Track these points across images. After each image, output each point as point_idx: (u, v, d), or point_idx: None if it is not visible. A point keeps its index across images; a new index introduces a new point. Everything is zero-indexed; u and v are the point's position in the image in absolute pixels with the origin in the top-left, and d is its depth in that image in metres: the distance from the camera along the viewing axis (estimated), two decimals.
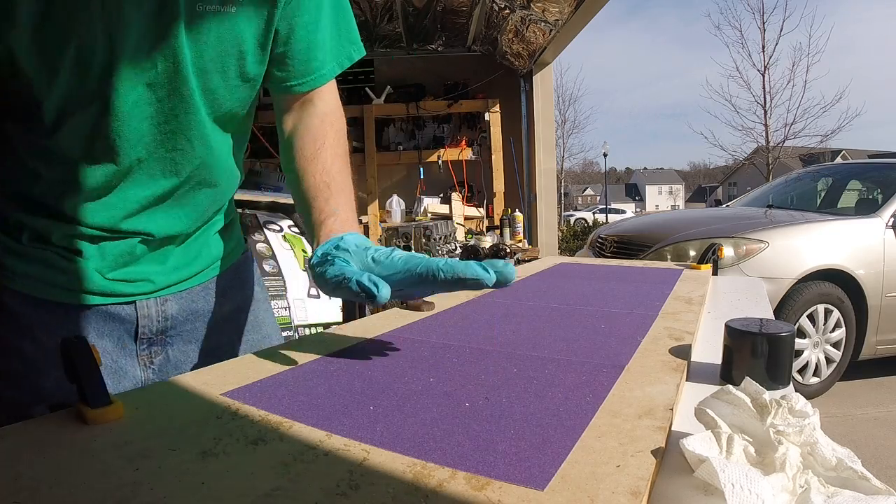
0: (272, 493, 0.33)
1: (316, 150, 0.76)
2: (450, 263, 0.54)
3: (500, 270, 0.53)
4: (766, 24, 14.95)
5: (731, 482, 0.33)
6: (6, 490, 0.34)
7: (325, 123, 0.78)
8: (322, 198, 0.71)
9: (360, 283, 0.54)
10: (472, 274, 0.53)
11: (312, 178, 0.73)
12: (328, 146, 0.76)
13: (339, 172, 0.75)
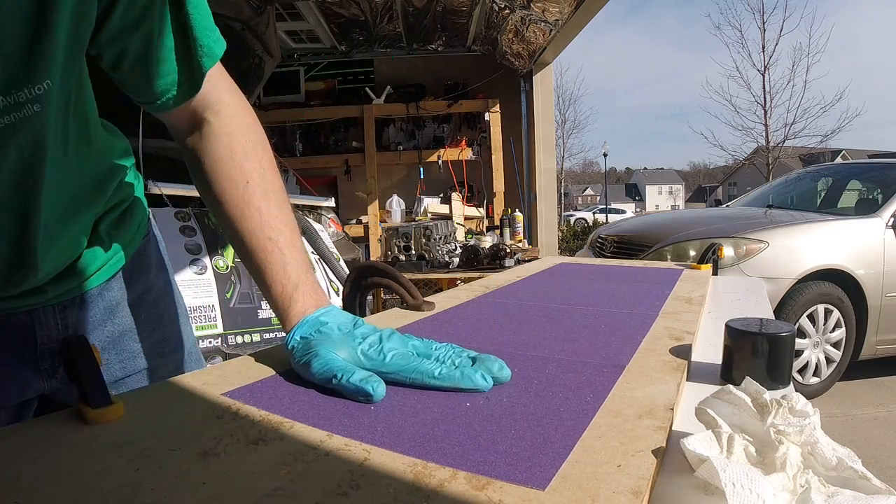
0: (273, 493, 0.33)
1: (240, 195, 0.63)
2: (444, 375, 0.50)
3: (496, 376, 0.51)
4: (766, 24, 14.96)
5: (731, 482, 0.33)
6: (6, 490, 0.34)
7: (236, 153, 0.64)
8: (275, 264, 0.61)
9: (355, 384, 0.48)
10: (469, 385, 0.50)
11: (252, 237, 0.62)
12: (252, 185, 0.63)
13: (278, 217, 0.63)
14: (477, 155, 4.83)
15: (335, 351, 0.52)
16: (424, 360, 0.52)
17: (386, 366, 0.51)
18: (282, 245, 0.62)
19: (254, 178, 0.64)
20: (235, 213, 0.63)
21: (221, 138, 0.64)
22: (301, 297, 0.60)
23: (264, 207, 0.63)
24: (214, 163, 0.63)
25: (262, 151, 0.66)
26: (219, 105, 0.64)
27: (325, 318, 0.57)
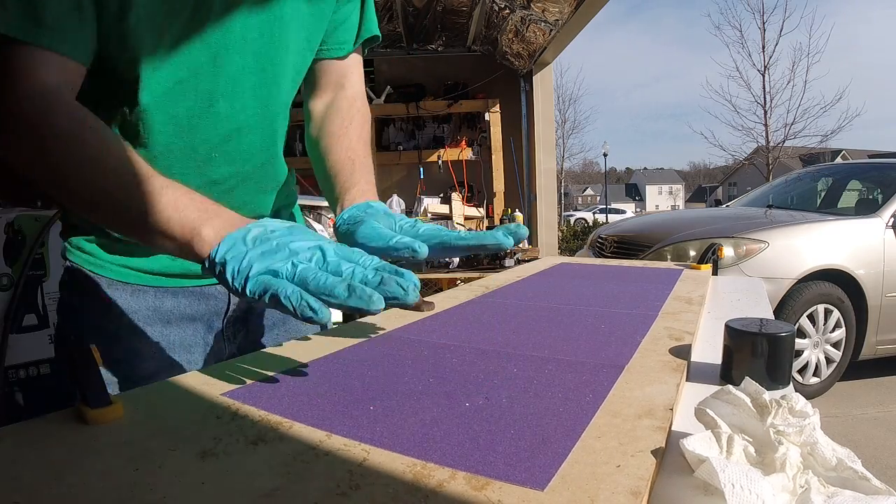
0: (272, 494, 0.33)
1: (343, 128, 0.79)
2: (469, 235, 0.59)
3: (514, 232, 0.58)
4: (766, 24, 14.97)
5: (731, 482, 0.33)
6: (6, 490, 0.34)
7: (353, 107, 0.82)
8: (346, 172, 0.74)
9: (402, 241, 0.56)
10: (491, 241, 0.58)
11: (337, 154, 0.76)
12: (355, 126, 0.80)
13: (363, 151, 0.79)
14: (477, 155, 4.83)
15: (378, 222, 0.61)
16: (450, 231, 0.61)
17: (419, 235, 0.61)
18: (357, 164, 0.76)
19: (354, 124, 0.81)
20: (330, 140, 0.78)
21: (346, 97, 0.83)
22: (356, 192, 0.71)
23: (355, 141, 0.79)
24: (336, 109, 0.81)
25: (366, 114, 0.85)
26: (352, 78, 0.84)
27: (373, 203, 0.68)
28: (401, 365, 0.57)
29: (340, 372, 0.55)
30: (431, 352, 0.61)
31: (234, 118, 0.70)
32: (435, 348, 0.63)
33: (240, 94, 0.70)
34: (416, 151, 4.89)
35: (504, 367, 0.56)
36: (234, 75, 0.68)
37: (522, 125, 4.94)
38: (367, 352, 0.62)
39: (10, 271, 1.91)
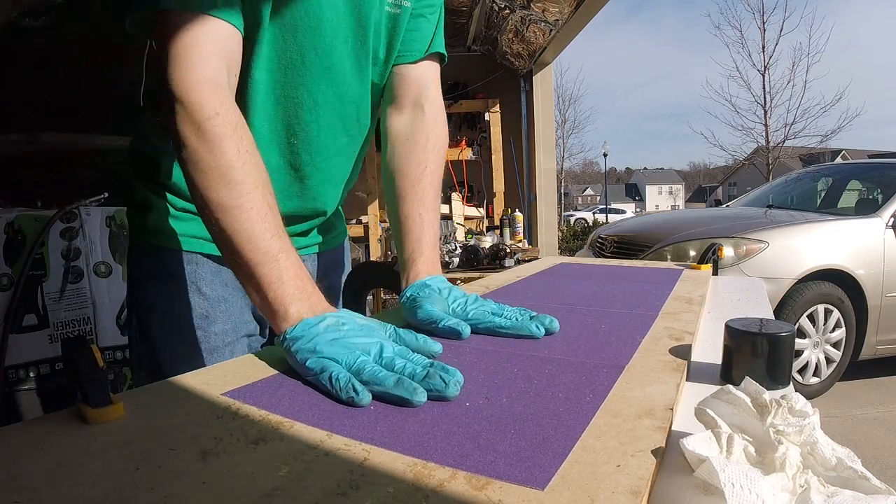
0: (273, 493, 0.33)
1: (418, 175, 0.85)
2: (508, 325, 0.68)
3: (548, 327, 0.68)
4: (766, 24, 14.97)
5: (731, 482, 0.33)
6: (6, 490, 0.34)
7: (429, 144, 0.87)
8: (415, 234, 0.82)
9: (448, 326, 0.66)
10: (526, 332, 0.67)
11: (410, 206, 0.83)
12: (429, 173, 0.86)
13: (433, 201, 0.86)
14: (477, 155, 4.82)
15: (434, 305, 0.70)
16: (496, 316, 0.70)
17: (469, 319, 0.70)
18: (426, 221, 0.83)
19: (430, 167, 0.86)
20: (406, 184, 0.85)
21: (424, 128, 0.88)
22: (420, 265, 0.79)
23: (428, 191, 0.85)
24: (412, 143, 0.87)
25: (442, 148, 0.91)
26: (430, 94, 0.90)
27: (430, 282, 0.76)
28: None
29: None
30: None
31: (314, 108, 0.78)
32: None
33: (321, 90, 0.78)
34: None
35: (504, 367, 0.56)
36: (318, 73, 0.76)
37: (522, 125, 4.93)
38: None
39: (10, 271, 1.91)
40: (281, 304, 0.59)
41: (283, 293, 0.59)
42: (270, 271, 0.60)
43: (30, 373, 1.91)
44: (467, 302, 0.73)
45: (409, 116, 0.89)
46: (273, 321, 0.60)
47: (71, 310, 2.00)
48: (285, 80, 0.75)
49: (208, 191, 0.61)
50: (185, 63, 0.62)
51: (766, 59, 14.67)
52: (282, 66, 0.74)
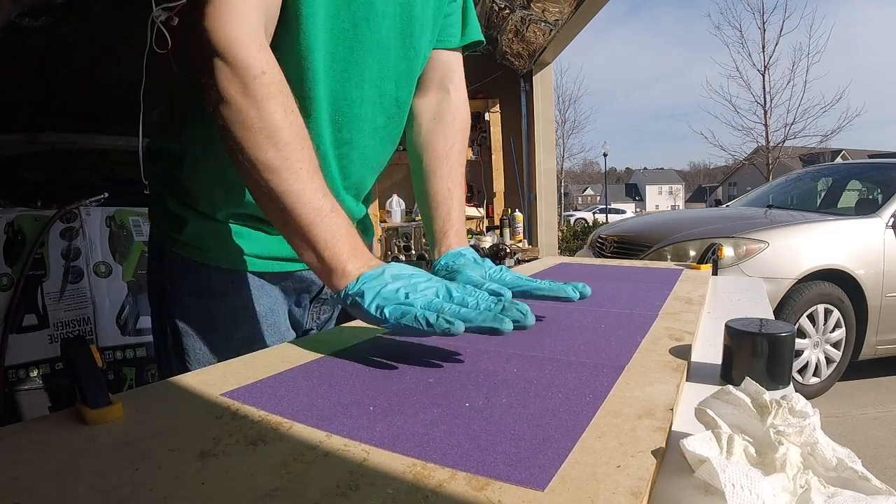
0: (272, 494, 0.33)
1: (446, 151, 0.87)
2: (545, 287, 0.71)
3: (582, 291, 0.71)
4: (766, 24, 15.00)
5: (731, 482, 0.33)
6: (5, 490, 0.33)
7: (456, 122, 0.89)
8: (445, 208, 0.85)
9: (491, 288, 0.65)
10: (563, 294, 0.70)
11: (440, 181, 0.86)
12: (456, 150, 0.88)
13: (460, 177, 0.88)
14: (477, 155, 4.82)
15: (472, 271, 0.74)
16: (531, 280, 0.74)
17: (506, 283, 0.73)
18: (454, 196, 0.86)
19: (456, 146, 0.89)
20: (435, 160, 0.87)
21: (450, 107, 0.90)
22: (451, 237, 0.84)
23: (455, 167, 0.88)
24: (439, 121, 0.89)
25: (467, 128, 0.93)
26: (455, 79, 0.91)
27: (464, 252, 0.80)
28: (400, 365, 0.57)
29: (340, 372, 0.55)
30: (432, 352, 0.61)
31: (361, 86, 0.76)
32: (434, 348, 0.63)
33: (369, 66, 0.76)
34: None
35: (504, 367, 0.56)
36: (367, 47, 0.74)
37: (522, 125, 4.93)
38: (366, 352, 0.62)
39: (10, 271, 1.91)
40: (339, 261, 0.60)
41: (339, 251, 0.60)
42: (325, 230, 0.60)
43: (30, 373, 1.91)
44: (501, 269, 0.77)
45: (436, 97, 0.90)
46: (330, 278, 0.61)
47: (71, 310, 2.00)
48: (335, 51, 0.72)
49: (256, 150, 0.59)
50: (226, 15, 0.59)
51: (766, 59, 14.69)
52: (333, 35, 0.71)
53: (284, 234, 0.63)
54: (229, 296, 0.79)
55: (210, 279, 0.78)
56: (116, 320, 2.08)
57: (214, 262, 0.78)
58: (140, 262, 2.14)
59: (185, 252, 0.79)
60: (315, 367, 0.56)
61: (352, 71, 0.74)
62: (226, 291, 0.78)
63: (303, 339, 0.68)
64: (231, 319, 0.79)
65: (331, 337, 0.68)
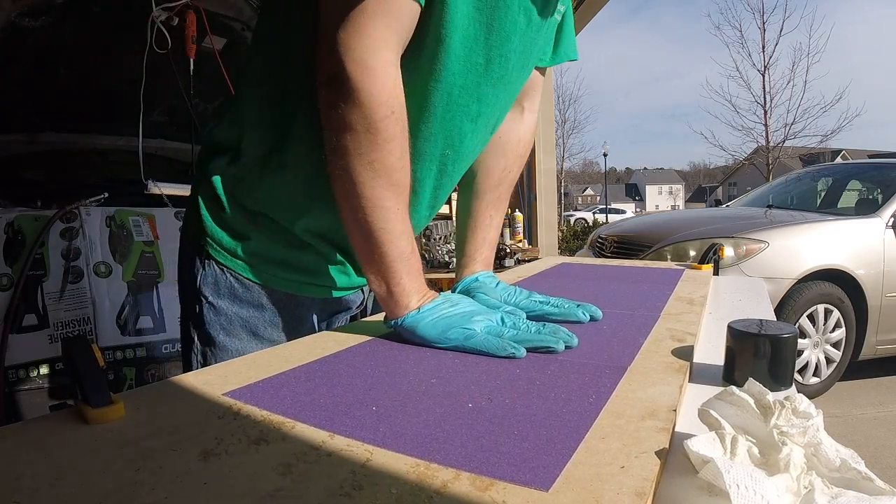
0: (274, 494, 0.33)
1: (500, 178, 0.88)
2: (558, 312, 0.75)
3: (592, 314, 0.74)
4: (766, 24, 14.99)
5: (735, 483, 0.33)
6: (6, 490, 0.33)
7: (520, 148, 0.90)
8: (481, 234, 0.87)
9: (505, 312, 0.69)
10: (573, 318, 0.73)
11: (485, 207, 0.87)
12: (510, 178, 0.89)
13: (505, 203, 0.90)
14: None
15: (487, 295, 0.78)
16: (545, 304, 0.77)
17: (520, 307, 0.76)
18: (493, 225, 0.88)
19: (512, 171, 0.90)
20: (488, 184, 0.88)
21: (519, 130, 0.90)
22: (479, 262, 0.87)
23: (503, 195, 0.89)
24: (505, 143, 0.88)
25: (526, 155, 0.93)
26: (533, 98, 0.90)
27: (480, 277, 0.84)
28: (403, 365, 0.57)
29: (343, 372, 0.55)
30: (434, 352, 0.61)
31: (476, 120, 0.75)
32: (437, 349, 0.62)
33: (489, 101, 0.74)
34: None
35: (507, 367, 0.56)
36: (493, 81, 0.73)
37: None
38: (369, 352, 0.62)
39: (10, 271, 1.91)
40: (405, 296, 0.65)
41: (409, 288, 0.65)
42: (402, 268, 0.65)
43: (30, 373, 1.91)
44: (515, 293, 0.80)
45: (510, 115, 0.87)
46: (392, 308, 0.66)
47: (71, 310, 1.99)
48: (464, 84, 0.70)
49: (364, 185, 0.61)
50: (368, 41, 0.57)
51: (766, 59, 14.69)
52: (465, 68, 0.69)
53: (362, 260, 0.66)
54: (282, 318, 0.79)
55: (262, 300, 0.78)
56: (116, 320, 2.08)
57: (270, 285, 0.77)
58: (140, 262, 2.14)
59: (240, 269, 0.77)
60: (317, 367, 0.56)
61: (472, 106, 0.72)
62: (278, 313, 0.79)
63: (304, 339, 0.68)
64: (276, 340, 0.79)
65: (333, 337, 0.68)
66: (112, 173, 2.61)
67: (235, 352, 0.77)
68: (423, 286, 0.67)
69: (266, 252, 0.77)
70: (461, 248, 0.88)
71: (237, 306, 0.77)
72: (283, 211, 0.75)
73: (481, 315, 0.64)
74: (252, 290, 0.77)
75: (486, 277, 0.83)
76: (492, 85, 0.72)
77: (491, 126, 0.80)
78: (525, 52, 0.75)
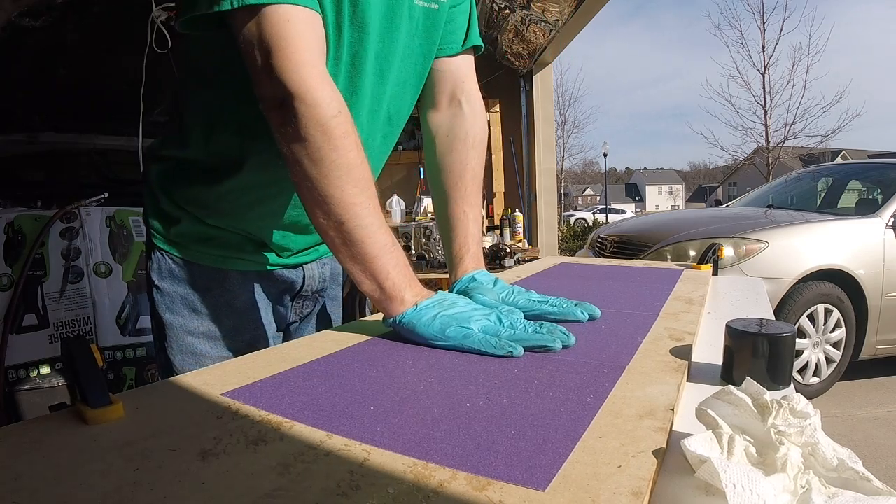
0: (273, 494, 0.33)
1: (461, 172, 0.88)
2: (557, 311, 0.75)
3: (591, 313, 0.75)
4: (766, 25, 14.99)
5: (732, 482, 0.33)
6: (5, 490, 0.33)
7: (469, 139, 0.89)
8: (462, 232, 0.87)
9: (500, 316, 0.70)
10: (572, 317, 0.74)
11: (456, 205, 0.88)
12: (470, 169, 0.89)
13: (476, 196, 0.90)
14: None
15: (485, 295, 0.77)
16: (543, 304, 0.77)
17: (518, 306, 0.76)
18: (470, 219, 0.88)
19: (471, 165, 0.89)
20: (450, 182, 0.88)
21: (464, 124, 0.89)
22: (468, 262, 0.86)
23: (470, 188, 0.88)
24: (453, 139, 0.89)
25: (482, 143, 0.91)
26: (466, 87, 0.89)
27: (477, 276, 0.83)
28: (401, 365, 0.57)
29: (341, 372, 0.55)
30: (432, 352, 0.61)
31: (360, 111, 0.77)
32: (435, 348, 0.63)
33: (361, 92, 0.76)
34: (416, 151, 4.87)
35: (505, 367, 0.56)
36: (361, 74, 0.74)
37: (522, 125, 4.93)
38: (367, 352, 0.62)
39: (10, 271, 1.91)
40: (398, 291, 0.65)
41: (399, 281, 0.65)
42: (387, 262, 0.65)
43: (30, 373, 1.91)
44: (513, 292, 0.81)
45: (448, 113, 0.90)
46: (388, 305, 0.65)
47: (71, 310, 2.00)
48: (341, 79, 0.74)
49: (331, 187, 0.63)
50: (298, 57, 0.61)
51: (766, 59, 14.69)
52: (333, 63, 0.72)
53: (345, 262, 0.66)
54: (212, 291, 0.83)
55: (195, 276, 0.82)
56: (116, 320, 2.08)
57: (199, 261, 0.82)
58: (140, 262, 2.14)
59: (174, 250, 0.83)
60: (316, 367, 0.56)
61: (351, 101, 0.75)
62: (209, 287, 0.83)
63: (302, 340, 0.68)
64: (213, 313, 0.83)
65: (331, 337, 0.68)
66: (112, 173, 2.61)
67: (180, 328, 0.82)
68: (414, 279, 0.67)
69: (194, 232, 0.82)
70: (447, 250, 0.90)
71: (176, 285, 0.83)
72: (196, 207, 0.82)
73: (479, 314, 0.64)
74: (185, 268, 0.82)
75: (482, 277, 0.84)
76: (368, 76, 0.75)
77: (380, 116, 0.81)
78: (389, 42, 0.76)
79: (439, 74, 0.88)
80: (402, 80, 0.81)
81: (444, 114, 0.90)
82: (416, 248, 3.42)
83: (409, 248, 3.42)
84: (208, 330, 0.83)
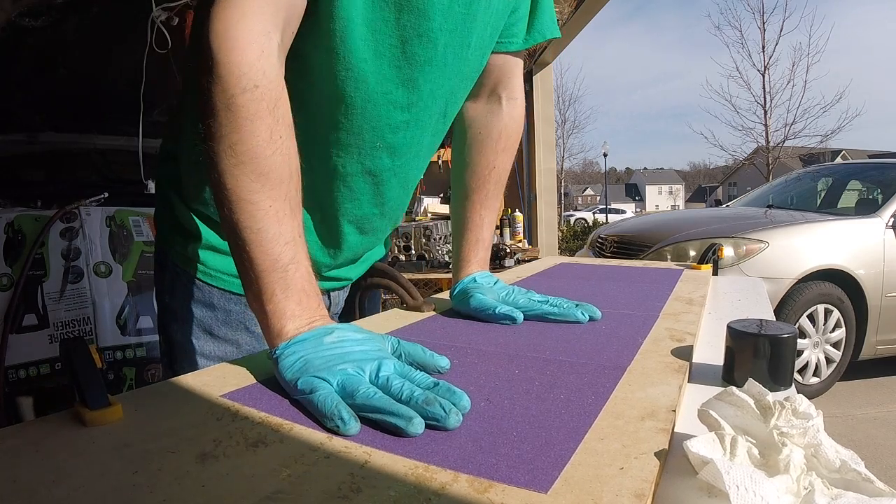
0: (273, 496, 0.33)
1: (486, 175, 0.85)
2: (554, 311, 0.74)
3: (591, 314, 0.74)
4: (766, 25, 15.00)
5: (735, 484, 0.32)
6: (4, 492, 0.33)
7: (501, 142, 0.85)
8: (474, 235, 0.85)
9: (503, 311, 0.72)
10: (572, 318, 0.73)
11: (474, 208, 0.86)
12: (495, 174, 0.86)
13: (496, 201, 0.87)
14: None
15: (485, 294, 0.76)
16: (543, 304, 0.76)
17: (518, 306, 0.75)
18: (486, 223, 0.86)
19: (497, 168, 0.86)
20: (473, 184, 0.86)
21: (499, 123, 0.85)
22: (473, 264, 0.85)
23: (492, 192, 0.86)
24: (485, 138, 0.85)
25: (514, 147, 0.88)
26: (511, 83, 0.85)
27: (478, 277, 0.83)
28: None
29: None
30: None
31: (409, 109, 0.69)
32: (435, 349, 0.62)
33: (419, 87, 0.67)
34: None
35: (505, 368, 0.56)
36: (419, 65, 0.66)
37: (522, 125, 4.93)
38: None
39: (10, 271, 1.91)
40: (279, 319, 0.53)
41: (284, 308, 0.53)
42: (275, 282, 0.53)
43: (30, 373, 1.91)
44: (514, 292, 0.79)
45: (485, 108, 0.85)
46: (267, 334, 0.54)
47: (71, 310, 1.99)
48: (380, 72, 0.64)
49: (226, 175, 0.52)
50: (230, 12, 0.51)
51: (766, 59, 14.70)
52: (378, 54, 0.63)
53: (239, 273, 0.55)
54: (231, 314, 0.76)
55: (212, 297, 0.76)
56: (116, 320, 2.08)
57: (218, 285, 0.75)
58: (140, 262, 2.14)
59: (190, 268, 0.76)
60: None
61: (396, 93, 0.66)
62: (227, 310, 0.76)
63: None
64: (230, 337, 0.77)
65: None
66: (112, 173, 2.61)
67: (194, 351, 0.76)
68: (313, 310, 0.54)
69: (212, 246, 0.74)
70: (456, 250, 0.87)
71: (192, 305, 0.76)
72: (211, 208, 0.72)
73: (351, 364, 0.49)
74: (203, 290, 0.75)
75: (483, 277, 0.83)
76: (418, 70, 0.66)
77: (436, 112, 0.73)
78: (462, 32, 0.67)
79: (486, 66, 0.80)
80: (459, 74, 0.72)
81: (481, 108, 0.85)
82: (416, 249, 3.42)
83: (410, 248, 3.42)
84: (225, 354, 0.76)
